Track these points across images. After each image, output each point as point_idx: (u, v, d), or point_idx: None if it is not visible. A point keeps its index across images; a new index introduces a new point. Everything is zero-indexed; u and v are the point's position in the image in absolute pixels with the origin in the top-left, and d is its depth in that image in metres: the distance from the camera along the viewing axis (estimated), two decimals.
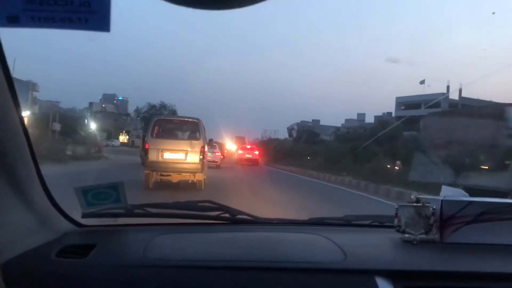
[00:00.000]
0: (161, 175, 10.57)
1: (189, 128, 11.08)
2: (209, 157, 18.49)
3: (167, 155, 10.34)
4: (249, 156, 30.93)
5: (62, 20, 0.94)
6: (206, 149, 11.17)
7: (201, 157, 10.42)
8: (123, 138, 77.53)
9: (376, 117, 53.51)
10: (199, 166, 10.42)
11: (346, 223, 1.75)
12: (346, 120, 67.75)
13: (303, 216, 1.79)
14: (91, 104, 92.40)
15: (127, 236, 1.50)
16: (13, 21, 0.92)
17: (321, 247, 1.37)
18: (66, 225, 1.46)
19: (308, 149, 33.15)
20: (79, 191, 1.43)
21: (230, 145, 39.22)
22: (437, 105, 40.00)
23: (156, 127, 10.82)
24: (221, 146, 27.29)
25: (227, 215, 1.65)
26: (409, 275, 1.21)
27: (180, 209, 1.65)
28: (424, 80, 53.09)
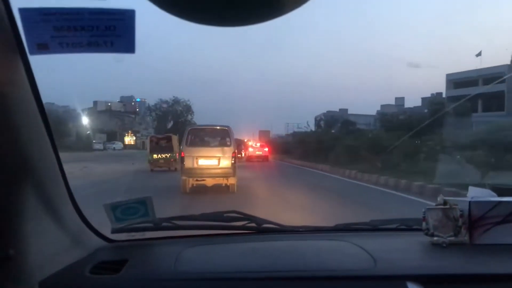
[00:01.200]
0: (196, 180, 11.38)
1: (220, 135, 11.93)
2: None
3: (202, 162, 11.20)
4: (259, 153, 32.22)
5: (89, 45, 0.98)
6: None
7: (232, 162, 11.19)
8: (129, 139, 71.59)
9: (425, 99, 44.63)
10: (231, 170, 11.20)
11: (373, 227, 1.74)
12: (383, 106, 57.53)
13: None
14: (95, 102, 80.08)
15: (157, 250, 1.53)
16: (43, 48, 0.96)
17: (350, 253, 1.37)
18: (97, 242, 1.50)
19: (342, 141, 26.05)
20: (108, 207, 1.47)
21: (253, 142, 37.53)
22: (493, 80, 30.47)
23: (190, 136, 11.76)
24: (239, 144, 26.42)
25: (253, 224, 1.66)
26: (440, 279, 1.20)
27: (206, 220, 1.67)
28: (480, 52, 42.83)
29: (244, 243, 1.58)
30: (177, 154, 17.89)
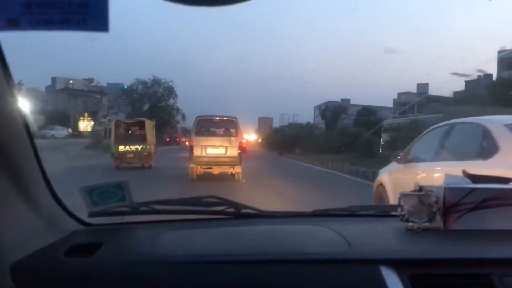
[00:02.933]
0: (204, 168, 12.08)
1: (228, 126, 12.72)
2: None
3: (210, 151, 11.95)
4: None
5: (60, 22, 0.96)
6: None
7: (239, 151, 11.98)
8: (85, 125, 55.34)
9: (470, 83, 39.20)
10: (237, 159, 12.00)
11: (351, 213, 1.76)
12: (400, 94, 51.70)
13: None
14: (54, 79, 64.36)
15: (134, 233, 1.52)
16: (12, 24, 0.93)
17: (325, 238, 1.38)
18: (73, 225, 1.48)
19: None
20: (84, 190, 1.45)
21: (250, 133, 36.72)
22: None
23: (199, 126, 12.52)
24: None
25: (232, 209, 1.67)
26: (413, 263, 1.22)
27: (185, 205, 1.66)
28: None
29: (222, 227, 1.59)
30: (153, 146, 16.36)
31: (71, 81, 65.36)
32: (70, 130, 47.38)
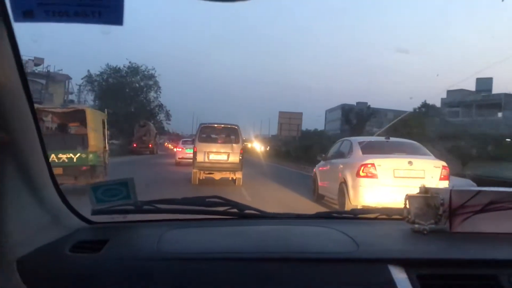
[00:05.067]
0: (206, 173, 12.54)
1: (230, 133, 13.07)
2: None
3: (212, 157, 12.36)
4: None
5: (76, 14, 0.96)
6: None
7: (240, 157, 12.39)
8: None
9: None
10: (238, 165, 12.40)
11: (354, 216, 1.76)
12: (451, 92, 39.44)
13: None
14: None
15: (139, 231, 1.51)
16: (28, 15, 0.93)
17: (333, 238, 1.38)
18: (77, 222, 1.47)
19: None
20: (89, 188, 1.44)
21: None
22: None
23: (202, 133, 12.92)
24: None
25: (235, 210, 1.66)
26: (421, 263, 1.22)
27: (188, 205, 1.65)
28: None
29: (226, 227, 1.58)
30: (101, 153, 10.42)
31: None
32: None
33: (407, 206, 1.48)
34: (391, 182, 7.39)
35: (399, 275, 1.15)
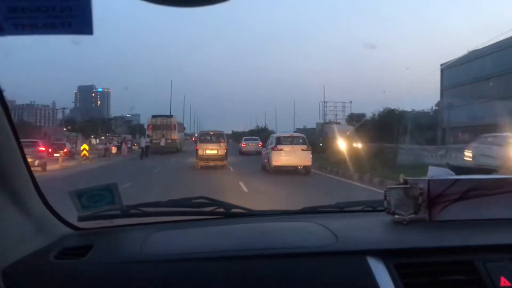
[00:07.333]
0: (204, 162, 19.34)
1: (218, 136, 20.33)
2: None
3: (208, 152, 19.46)
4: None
5: (45, 26, 0.97)
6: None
7: (225, 151, 19.66)
8: None
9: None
10: (224, 156, 19.52)
11: (339, 209, 1.78)
12: None
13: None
14: None
15: (124, 235, 1.53)
16: None
17: (313, 232, 1.40)
18: (63, 229, 1.49)
19: None
20: (73, 194, 1.45)
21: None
22: None
23: (200, 136, 20.88)
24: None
25: (221, 209, 1.68)
26: (399, 253, 1.24)
27: (175, 206, 1.67)
28: None
29: (212, 227, 1.60)
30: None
31: None
32: None
33: (387, 197, 1.50)
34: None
35: (377, 266, 1.17)
